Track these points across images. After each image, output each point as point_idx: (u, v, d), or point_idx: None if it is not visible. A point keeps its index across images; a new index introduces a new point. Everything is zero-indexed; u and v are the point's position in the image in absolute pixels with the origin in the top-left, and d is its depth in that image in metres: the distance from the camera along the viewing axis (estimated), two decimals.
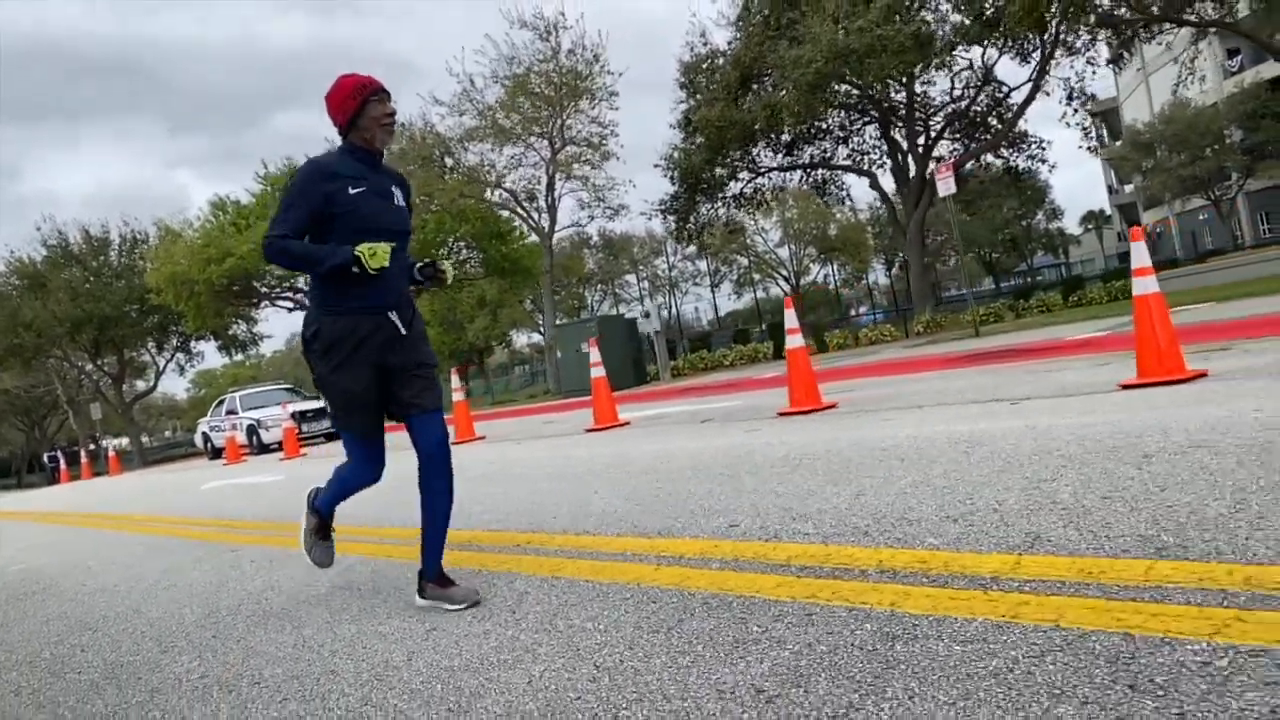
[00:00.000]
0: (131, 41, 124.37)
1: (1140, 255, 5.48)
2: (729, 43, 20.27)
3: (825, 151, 23.38)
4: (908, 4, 15.06)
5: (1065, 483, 3.10)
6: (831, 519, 3.21)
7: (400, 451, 3.31)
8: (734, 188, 23.78)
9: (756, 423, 7.03)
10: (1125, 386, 5.38)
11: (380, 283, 2.93)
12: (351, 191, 2.89)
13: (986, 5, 15.08)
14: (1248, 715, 1.43)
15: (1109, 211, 74.75)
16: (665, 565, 3.02)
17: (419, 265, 3.18)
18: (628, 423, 9.30)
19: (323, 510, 3.41)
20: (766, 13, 17.89)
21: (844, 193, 24.99)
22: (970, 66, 19.22)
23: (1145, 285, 5.42)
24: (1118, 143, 53.39)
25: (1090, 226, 76.81)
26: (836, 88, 16.68)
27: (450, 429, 4.41)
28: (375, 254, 2.81)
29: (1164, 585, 2.00)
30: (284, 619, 3.30)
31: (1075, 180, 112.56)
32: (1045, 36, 16.76)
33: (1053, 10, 13.51)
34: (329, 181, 2.89)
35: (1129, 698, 1.54)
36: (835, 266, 62.74)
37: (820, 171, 23.51)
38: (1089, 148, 20.39)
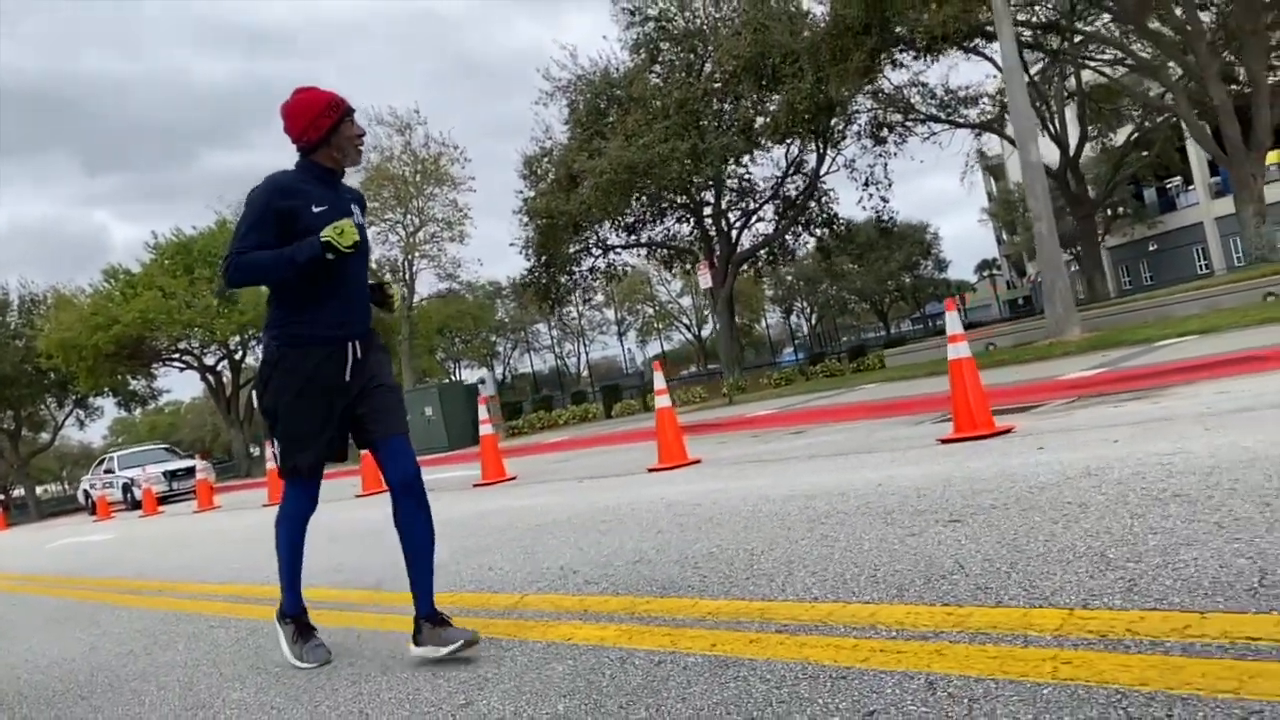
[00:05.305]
0: (52, 76, 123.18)
1: (659, 380, 8.14)
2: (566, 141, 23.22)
3: (668, 231, 26.39)
4: (684, 125, 18.17)
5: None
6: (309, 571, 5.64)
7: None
8: (588, 263, 26.57)
9: (452, 493, 9.50)
10: (651, 470, 7.94)
11: (343, 302, 2.93)
12: (315, 210, 2.84)
13: (753, 124, 18.42)
14: None
15: (999, 260, 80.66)
16: (243, 603, 5.44)
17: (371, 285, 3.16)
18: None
19: (291, 612, 3.24)
20: (584, 121, 20.94)
21: (688, 267, 28.16)
22: (740, 175, 22.61)
23: (662, 401, 8.06)
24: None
25: (985, 275, 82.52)
26: (638, 191, 19.79)
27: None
28: (343, 231, 2.73)
29: (388, 602, 4.48)
30: (6, 637, 5.59)
31: (972, 229, 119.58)
32: (819, 141, 20.08)
33: (794, 129, 16.84)
34: (290, 198, 2.85)
35: None
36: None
37: (661, 250, 26.56)
38: (882, 228, 23.78)
